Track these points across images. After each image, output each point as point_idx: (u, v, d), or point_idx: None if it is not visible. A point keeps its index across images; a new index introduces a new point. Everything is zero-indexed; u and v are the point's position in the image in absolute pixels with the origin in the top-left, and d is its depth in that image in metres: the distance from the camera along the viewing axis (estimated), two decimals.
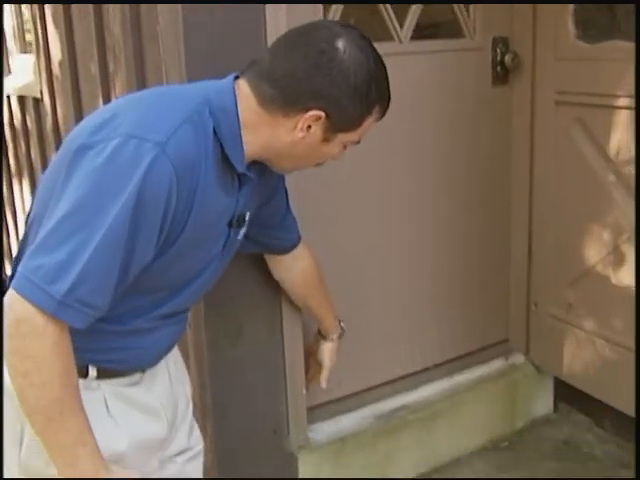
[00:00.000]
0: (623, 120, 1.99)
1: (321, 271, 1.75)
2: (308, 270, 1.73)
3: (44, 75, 2.59)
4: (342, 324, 1.91)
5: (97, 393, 1.29)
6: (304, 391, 1.96)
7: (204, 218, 1.20)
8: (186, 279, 1.29)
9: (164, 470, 1.53)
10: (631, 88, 1.91)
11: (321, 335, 1.89)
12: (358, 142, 1.30)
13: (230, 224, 1.31)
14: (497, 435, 2.35)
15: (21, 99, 3.01)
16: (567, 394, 2.44)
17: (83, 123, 1.20)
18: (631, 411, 2.07)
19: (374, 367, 2.19)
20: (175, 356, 1.54)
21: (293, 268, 1.71)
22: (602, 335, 2.14)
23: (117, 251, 1.07)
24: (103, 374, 1.28)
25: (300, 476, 1.97)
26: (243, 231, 1.38)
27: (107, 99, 2.05)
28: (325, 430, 2.07)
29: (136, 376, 1.37)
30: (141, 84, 1.83)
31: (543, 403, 2.47)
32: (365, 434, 2.08)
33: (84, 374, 1.26)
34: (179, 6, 1.57)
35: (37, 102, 2.80)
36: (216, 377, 1.82)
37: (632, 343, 2.03)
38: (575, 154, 2.12)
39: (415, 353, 2.27)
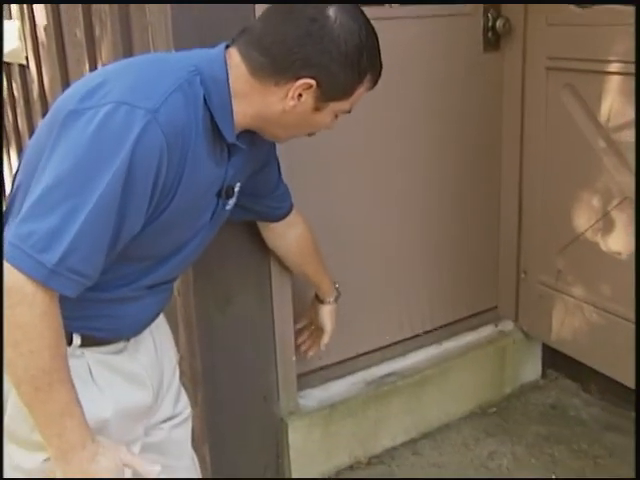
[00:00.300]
0: (614, 86, 1.98)
1: (315, 237, 1.75)
2: (302, 237, 1.73)
3: (29, 41, 2.55)
4: (337, 286, 1.91)
5: (81, 361, 1.28)
6: (294, 358, 1.96)
7: (193, 187, 1.19)
8: (173, 248, 1.28)
9: (149, 437, 1.55)
10: (623, 53, 1.89)
11: (318, 299, 1.90)
12: (349, 111, 1.29)
13: (219, 195, 1.30)
14: (486, 401, 2.37)
15: (7, 66, 2.96)
16: (555, 360, 2.46)
17: (72, 89, 1.18)
18: (621, 377, 2.08)
19: (364, 334, 2.20)
20: (160, 324, 1.53)
21: (286, 236, 1.71)
22: (591, 301, 2.15)
23: (109, 219, 1.06)
24: (87, 342, 1.28)
25: (290, 442, 1.98)
26: (232, 202, 1.37)
27: (93, 64, 2.03)
28: (315, 396, 2.08)
29: (120, 344, 1.36)
30: (127, 49, 1.80)
31: (531, 369, 2.49)
32: (355, 400, 2.09)
33: (68, 342, 1.25)
34: None
35: (23, 69, 2.76)
36: (205, 345, 1.82)
37: (621, 309, 2.04)
38: (566, 120, 2.11)
39: (404, 320, 2.28)
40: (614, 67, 1.95)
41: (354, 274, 2.13)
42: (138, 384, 1.40)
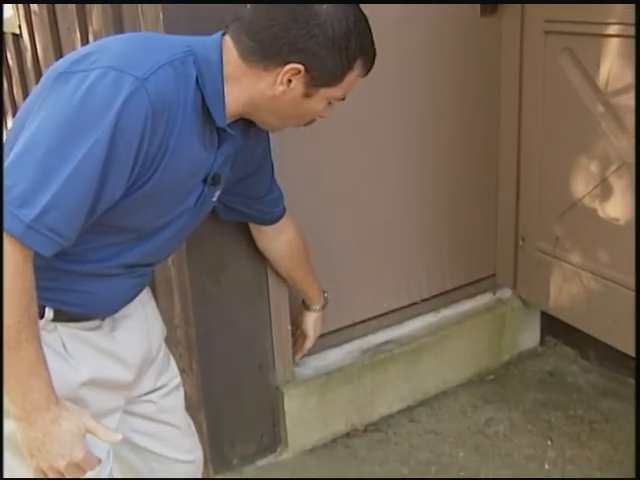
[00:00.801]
0: (613, 49, 1.94)
1: (306, 244, 1.75)
2: (292, 243, 1.73)
3: (22, 10, 2.52)
4: (326, 295, 1.93)
5: (54, 335, 1.29)
6: (289, 327, 1.96)
7: (178, 166, 1.19)
8: (153, 227, 1.27)
9: (139, 409, 1.56)
10: (621, 15, 1.86)
11: (305, 306, 1.92)
12: (343, 98, 1.28)
13: (205, 181, 1.29)
14: (484, 368, 2.38)
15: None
16: (554, 327, 2.46)
17: (65, 57, 1.18)
18: (618, 344, 2.08)
19: (360, 302, 2.20)
20: (147, 301, 1.54)
21: (277, 240, 1.71)
22: (589, 268, 2.13)
23: (90, 181, 1.06)
24: (59, 317, 1.28)
25: (286, 410, 1.99)
26: (218, 193, 1.36)
27: (84, 32, 2.00)
28: (311, 365, 2.09)
29: (95, 322, 1.37)
30: (117, 17, 1.78)
31: (530, 336, 2.48)
32: (351, 368, 2.09)
33: (41, 315, 1.25)
34: None
35: (17, 38, 2.73)
36: (199, 313, 1.82)
37: (619, 276, 2.03)
38: (564, 85, 2.08)
39: (401, 288, 2.27)
40: (613, 30, 1.91)
41: (350, 242, 2.12)
42: (116, 360, 1.41)
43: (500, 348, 2.41)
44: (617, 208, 2.01)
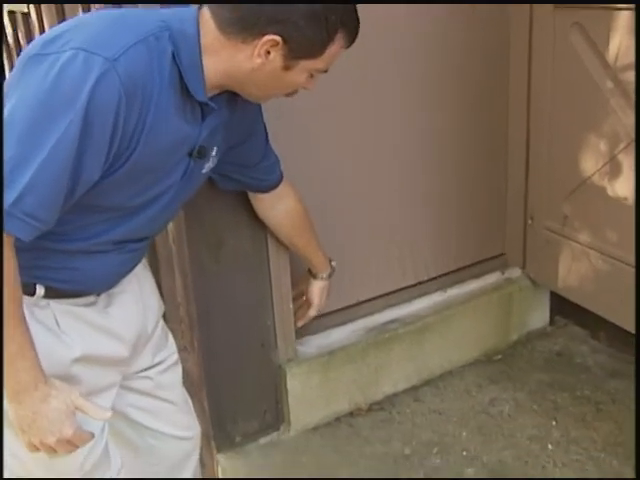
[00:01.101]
0: (624, 23, 1.89)
1: (307, 210, 1.73)
2: (292, 210, 1.71)
3: None
4: (333, 263, 1.90)
5: (46, 311, 1.31)
6: (291, 306, 1.96)
7: (158, 143, 1.19)
8: (139, 204, 1.27)
9: (136, 385, 1.57)
10: None
11: (311, 274, 1.89)
12: (326, 71, 1.26)
13: (190, 154, 1.28)
14: (491, 348, 2.36)
15: (11, 14, 2.94)
16: (564, 307, 2.42)
17: (38, 38, 1.18)
18: (626, 324, 2.05)
19: (365, 281, 2.18)
20: (143, 277, 1.55)
21: (276, 207, 1.70)
22: (597, 247, 2.10)
23: (65, 164, 1.07)
24: (51, 293, 1.30)
25: (288, 389, 1.99)
26: (209, 166, 1.36)
27: (86, 8, 2.00)
28: (314, 343, 2.08)
29: (90, 298, 1.38)
30: None
31: (539, 316, 2.46)
32: (354, 347, 2.08)
33: (32, 292, 1.27)
34: None
35: (26, 16, 2.74)
36: (200, 291, 1.82)
37: (627, 256, 1.99)
38: (573, 60, 2.03)
39: (408, 267, 2.25)
40: (624, 3, 1.87)
41: (355, 220, 2.10)
42: (110, 336, 1.42)
43: (508, 328, 2.38)
44: (625, 187, 1.97)
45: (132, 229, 1.31)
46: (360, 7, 1.24)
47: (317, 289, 1.90)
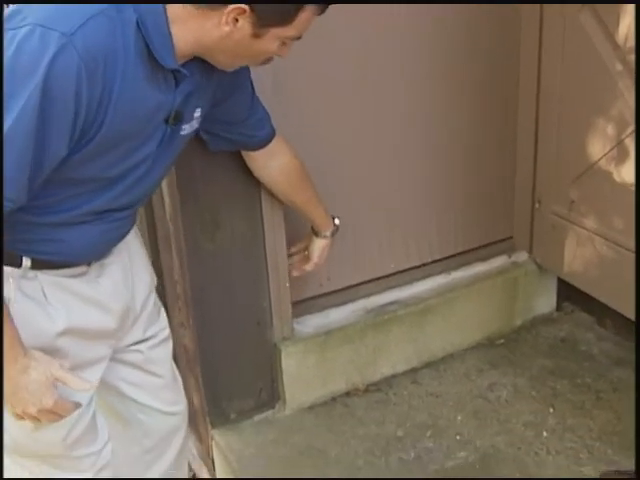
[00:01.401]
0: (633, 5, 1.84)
1: (303, 167, 1.71)
2: (287, 167, 1.69)
3: None
4: (336, 221, 1.88)
5: (34, 282, 1.32)
6: (287, 284, 1.96)
7: (130, 114, 1.19)
8: (117, 174, 1.27)
9: (127, 357, 1.59)
10: None
11: (313, 232, 1.88)
12: (299, 37, 1.24)
13: (167, 121, 1.28)
14: (494, 332, 2.34)
15: None
16: (572, 293, 2.38)
17: None
18: (628, 312, 2.01)
19: (367, 261, 2.16)
20: (135, 250, 1.56)
21: (270, 165, 1.68)
22: (602, 234, 2.06)
23: (27, 142, 1.07)
24: (38, 265, 1.31)
25: (283, 367, 2.00)
26: (191, 126, 1.36)
27: None
28: (312, 323, 2.08)
29: (81, 269, 1.40)
30: None
31: (546, 301, 2.42)
32: (352, 328, 2.08)
33: (18, 264, 1.29)
34: None
35: None
36: (194, 269, 1.83)
37: (631, 242, 1.95)
38: (584, 41, 1.98)
39: (411, 248, 2.23)
40: None
41: (357, 198, 2.07)
42: (97, 308, 1.44)
43: (512, 312, 2.36)
44: (631, 172, 1.91)
45: (113, 199, 1.31)
46: None
47: (318, 247, 1.88)
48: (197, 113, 1.35)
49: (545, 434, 1.93)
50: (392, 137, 2.08)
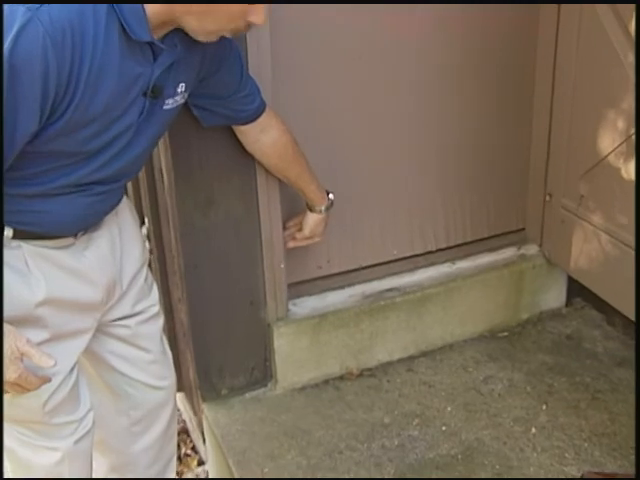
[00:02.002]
0: None
1: (295, 141, 1.71)
2: (279, 141, 1.70)
3: None
4: (331, 196, 1.88)
5: (17, 252, 1.35)
6: (282, 265, 1.96)
7: (104, 86, 1.19)
8: (95, 147, 1.28)
9: (115, 331, 1.62)
10: None
11: (308, 206, 1.88)
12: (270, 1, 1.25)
13: (145, 94, 1.29)
14: (498, 325, 2.30)
15: None
16: (583, 289, 2.31)
17: None
18: (630, 312, 1.96)
19: (368, 246, 2.15)
20: (125, 225, 1.58)
21: (261, 139, 1.68)
22: (608, 230, 2.00)
23: None
24: (20, 235, 1.34)
25: (275, 347, 2.01)
26: (175, 101, 1.37)
27: None
28: (308, 305, 2.09)
29: (66, 240, 1.42)
30: None
31: (554, 296, 2.37)
32: (347, 312, 2.07)
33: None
34: None
35: None
36: (187, 246, 1.85)
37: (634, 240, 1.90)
38: (599, 32, 1.92)
39: (415, 235, 2.20)
40: None
41: (361, 180, 2.06)
42: (81, 280, 1.45)
43: (518, 306, 2.32)
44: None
45: (93, 171, 1.32)
46: None
47: (311, 221, 1.88)
48: (181, 88, 1.36)
49: (534, 430, 1.90)
50: (403, 122, 2.06)
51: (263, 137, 1.67)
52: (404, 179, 2.12)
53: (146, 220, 2.07)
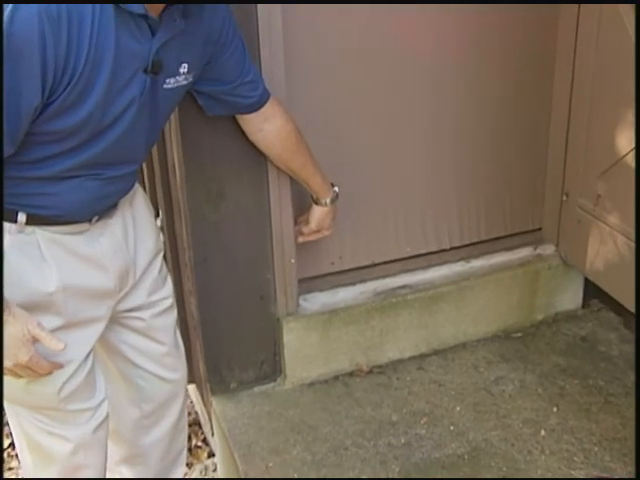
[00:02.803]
0: None
1: (298, 131, 1.70)
2: (281, 130, 1.69)
3: None
4: (335, 188, 1.86)
5: (30, 237, 1.37)
6: (293, 260, 1.96)
7: (104, 63, 1.20)
8: (98, 127, 1.28)
9: (130, 323, 1.63)
10: None
11: (313, 200, 1.87)
12: None
13: (145, 71, 1.29)
14: (512, 325, 2.28)
15: None
16: (600, 290, 2.28)
17: None
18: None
19: (381, 243, 2.14)
20: (139, 214, 1.58)
21: (264, 128, 1.68)
22: (624, 232, 1.97)
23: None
24: (34, 220, 1.35)
25: (285, 342, 2.01)
26: (173, 82, 1.36)
27: None
28: (319, 300, 2.08)
29: (83, 226, 1.43)
30: None
31: (570, 297, 2.34)
32: (358, 309, 2.07)
33: (14, 219, 1.33)
34: None
35: None
36: (197, 238, 1.85)
37: None
38: (619, 31, 1.88)
39: (429, 232, 2.19)
40: None
41: (374, 177, 2.05)
42: (95, 266, 1.46)
43: (533, 306, 2.29)
44: None
45: (99, 153, 1.32)
46: None
47: (317, 214, 1.87)
48: (183, 69, 1.36)
49: (543, 433, 1.88)
50: (418, 118, 2.04)
51: (267, 126, 1.67)
52: (418, 176, 2.11)
53: (160, 212, 2.08)
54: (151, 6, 1.22)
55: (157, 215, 2.15)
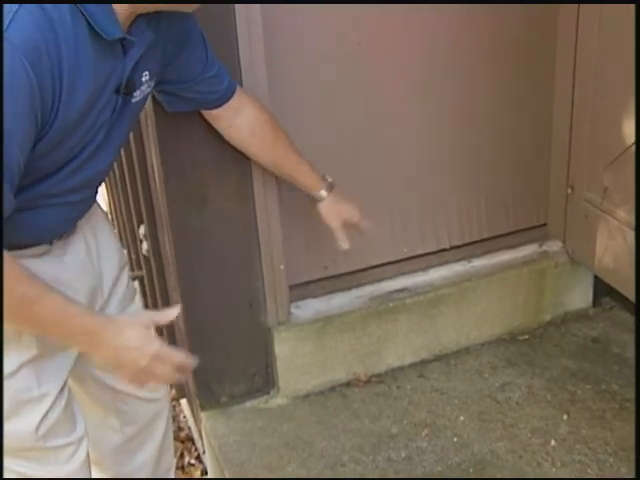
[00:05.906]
0: None
1: (274, 119, 1.59)
2: (256, 121, 1.58)
3: None
4: (328, 177, 1.72)
5: None
6: (282, 266, 1.85)
7: (82, 94, 1.13)
8: (69, 156, 1.21)
9: None
10: None
11: (312, 199, 1.73)
12: None
13: (117, 91, 1.21)
14: (517, 327, 2.16)
15: None
16: (612, 287, 2.17)
17: None
18: None
19: (377, 244, 2.02)
20: (99, 229, 1.50)
21: (236, 123, 1.57)
22: (633, 225, 1.85)
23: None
24: None
25: (277, 353, 1.90)
26: (142, 91, 1.29)
27: None
28: (312, 307, 1.98)
29: (42, 248, 1.34)
30: None
31: (579, 296, 2.22)
32: (354, 315, 1.96)
33: None
34: None
35: None
36: (181, 247, 1.76)
37: None
38: (621, 19, 1.77)
39: (427, 232, 2.08)
40: None
41: (368, 174, 1.94)
42: (63, 287, 1.36)
43: (540, 306, 2.17)
44: None
45: (65, 178, 1.24)
46: None
47: (326, 210, 1.72)
48: (145, 77, 1.28)
49: (553, 443, 1.76)
50: (414, 113, 1.95)
51: (238, 120, 1.56)
52: (415, 172, 2.01)
53: (144, 221, 1.99)
54: (123, 23, 1.13)
55: (140, 223, 2.06)
